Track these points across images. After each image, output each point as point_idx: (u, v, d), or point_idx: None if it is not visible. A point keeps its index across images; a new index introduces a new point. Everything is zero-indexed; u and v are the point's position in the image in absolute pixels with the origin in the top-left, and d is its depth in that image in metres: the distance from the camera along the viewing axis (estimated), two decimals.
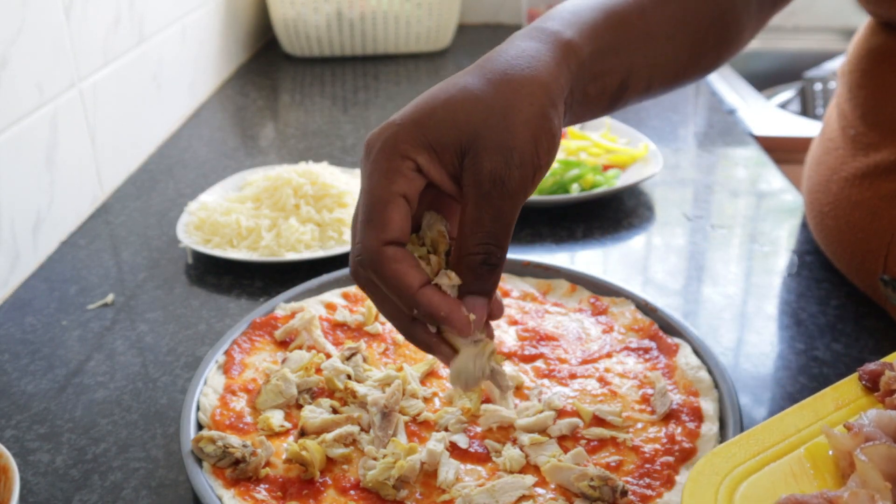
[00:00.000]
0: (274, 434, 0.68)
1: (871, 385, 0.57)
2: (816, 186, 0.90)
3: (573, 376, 0.74)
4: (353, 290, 0.86)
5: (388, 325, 0.81)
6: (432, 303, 0.53)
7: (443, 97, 0.54)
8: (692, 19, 0.68)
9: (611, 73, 0.62)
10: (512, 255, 0.91)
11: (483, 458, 0.65)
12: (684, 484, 0.51)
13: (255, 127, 1.45)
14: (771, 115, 1.52)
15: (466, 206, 0.53)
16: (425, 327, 0.56)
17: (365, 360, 0.76)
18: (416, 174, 0.53)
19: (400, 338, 0.79)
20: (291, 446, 0.63)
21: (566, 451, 0.65)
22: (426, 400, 0.71)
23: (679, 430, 0.66)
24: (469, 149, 0.52)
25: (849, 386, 0.59)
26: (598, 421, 0.68)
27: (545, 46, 0.57)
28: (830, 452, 0.52)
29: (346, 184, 1.04)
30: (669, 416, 0.68)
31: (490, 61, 0.56)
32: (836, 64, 1.86)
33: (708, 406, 0.68)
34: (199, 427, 0.68)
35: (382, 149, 0.54)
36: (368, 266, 0.52)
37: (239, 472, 0.63)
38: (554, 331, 0.80)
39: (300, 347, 0.77)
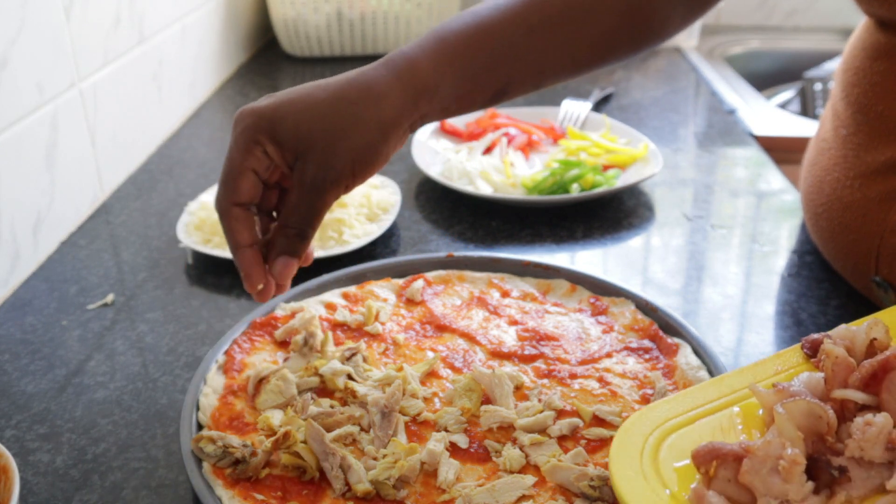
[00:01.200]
0: (273, 434, 0.67)
1: (812, 353, 0.59)
2: (811, 188, 0.90)
3: (573, 376, 0.74)
4: (353, 290, 0.86)
5: (389, 325, 0.81)
6: (244, 260, 0.66)
7: (297, 106, 0.64)
8: (598, 18, 0.72)
9: (487, 86, 0.70)
10: (512, 254, 0.91)
11: (483, 458, 0.65)
12: (617, 433, 0.53)
13: None
14: (771, 115, 1.52)
15: (291, 192, 0.65)
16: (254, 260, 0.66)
17: (365, 360, 0.76)
18: (264, 156, 0.64)
19: (400, 338, 0.79)
20: (284, 455, 0.63)
21: (566, 451, 0.65)
22: (426, 400, 0.71)
23: None
24: (301, 154, 0.64)
25: (791, 354, 0.60)
26: (598, 421, 0.68)
27: (394, 78, 0.67)
28: (760, 412, 0.53)
29: None
30: None
31: (346, 82, 0.67)
32: (836, 64, 1.86)
33: None
34: (199, 427, 0.68)
35: (243, 130, 0.64)
36: (219, 214, 0.66)
37: (239, 472, 0.63)
38: (554, 331, 0.80)
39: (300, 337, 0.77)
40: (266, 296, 0.67)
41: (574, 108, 1.34)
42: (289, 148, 0.64)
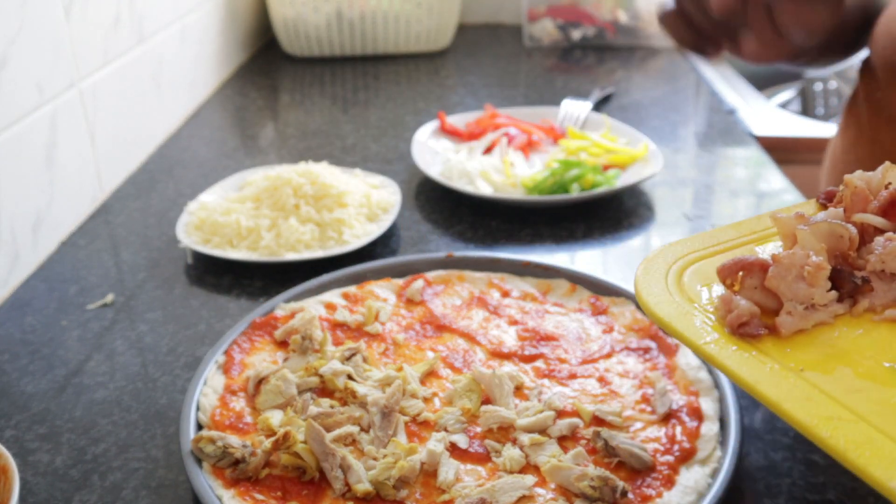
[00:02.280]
0: (273, 434, 0.67)
1: (828, 200, 0.58)
2: (842, 152, 0.88)
3: (573, 376, 0.74)
4: (353, 290, 0.86)
5: (389, 325, 0.81)
6: None
7: None
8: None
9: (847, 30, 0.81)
10: (512, 255, 0.91)
11: (483, 458, 0.65)
12: (640, 264, 0.54)
13: (254, 127, 1.45)
14: (771, 115, 1.52)
15: None
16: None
17: (365, 360, 0.76)
18: None
19: (400, 338, 0.79)
20: (284, 455, 0.63)
21: (566, 451, 0.65)
22: (426, 400, 0.71)
23: (679, 430, 0.66)
24: None
25: (808, 205, 0.61)
26: (598, 421, 0.68)
27: None
28: (780, 247, 0.53)
29: (346, 184, 1.04)
30: (669, 416, 0.68)
31: None
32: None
33: (708, 406, 0.68)
34: (199, 427, 0.68)
35: None
36: None
37: (239, 472, 0.63)
38: (554, 331, 0.80)
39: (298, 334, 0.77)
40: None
41: (574, 108, 1.34)
42: None
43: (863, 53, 0.88)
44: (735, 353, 0.46)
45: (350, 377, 0.72)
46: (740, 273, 0.49)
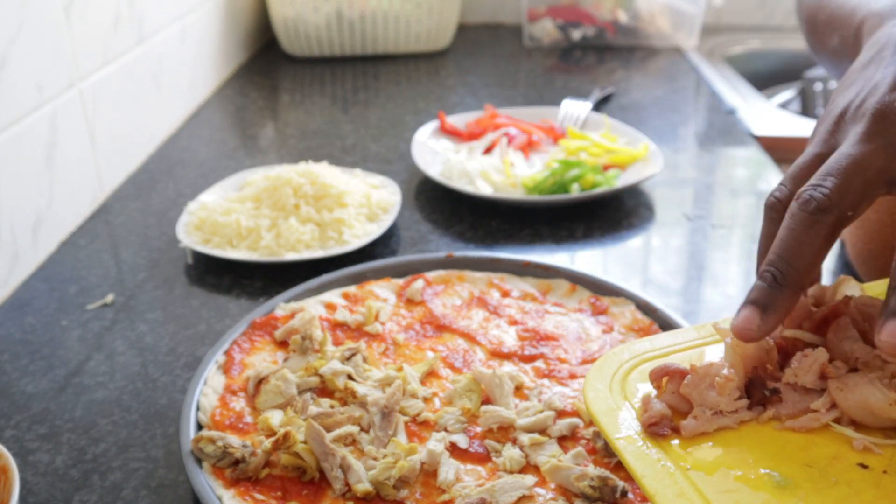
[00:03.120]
0: (273, 434, 0.67)
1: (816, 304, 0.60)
2: None
3: (573, 376, 0.74)
4: (353, 290, 0.86)
5: (389, 325, 0.81)
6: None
7: None
8: None
9: None
10: (512, 255, 0.91)
11: (483, 458, 0.65)
12: (599, 359, 0.59)
13: (255, 127, 1.45)
14: (771, 115, 1.52)
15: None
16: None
17: (365, 360, 0.75)
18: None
19: (400, 338, 0.79)
20: (284, 455, 0.63)
21: (566, 451, 0.65)
22: (426, 400, 0.71)
23: None
24: None
25: None
26: None
27: None
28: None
29: (346, 184, 1.04)
30: None
31: None
32: None
33: None
34: (199, 427, 0.68)
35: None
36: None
37: (239, 472, 0.63)
38: (554, 331, 0.80)
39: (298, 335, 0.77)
40: None
41: (574, 108, 1.34)
42: None
43: None
44: (637, 448, 0.51)
45: (350, 377, 0.72)
46: (664, 378, 0.55)
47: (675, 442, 0.52)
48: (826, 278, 0.70)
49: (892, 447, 0.49)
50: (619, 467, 0.63)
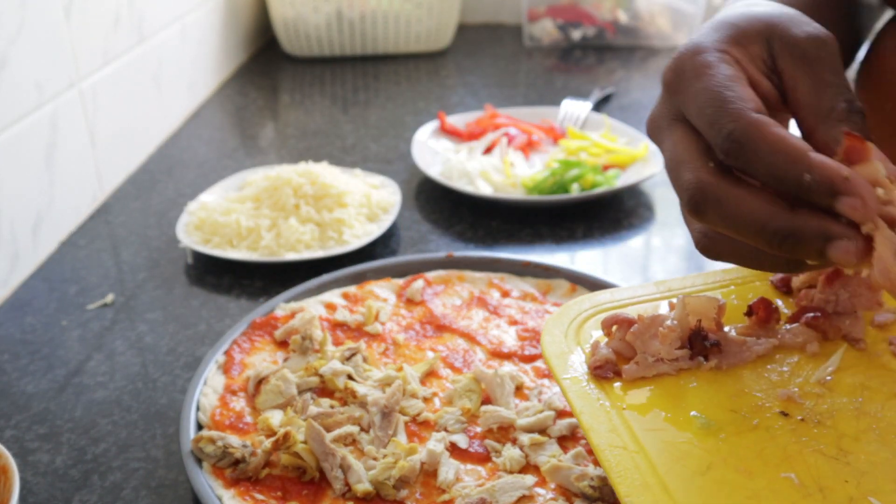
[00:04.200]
0: (273, 434, 0.67)
1: (783, 287, 0.65)
2: None
3: None
4: (353, 290, 0.86)
5: (389, 325, 0.81)
6: (828, 163, 0.44)
7: (731, 16, 0.54)
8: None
9: None
10: (512, 254, 0.91)
11: (483, 458, 0.65)
12: (559, 308, 0.64)
13: (255, 127, 1.45)
14: None
15: (798, 83, 0.51)
16: (814, 211, 0.45)
17: (365, 360, 0.76)
18: (738, 66, 0.51)
19: (400, 338, 0.79)
20: (284, 455, 0.63)
21: (566, 451, 0.65)
22: (426, 400, 0.71)
23: None
24: (774, 32, 0.52)
25: (743, 273, 0.67)
26: None
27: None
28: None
29: (346, 184, 1.04)
30: None
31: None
32: None
33: None
34: (199, 427, 0.68)
35: (699, 51, 0.51)
36: (744, 141, 0.46)
37: (239, 472, 0.63)
38: None
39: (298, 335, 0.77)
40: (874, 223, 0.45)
41: (574, 108, 1.34)
42: (755, 35, 0.52)
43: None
44: (580, 388, 0.56)
45: (350, 377, 0.72)
46: (614, 326, 0.58)
47: (618, 385, 0.56)
48: None
49: (814, 396, 0.54)
50: None
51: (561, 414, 0.68)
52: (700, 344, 0.57)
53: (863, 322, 0.59)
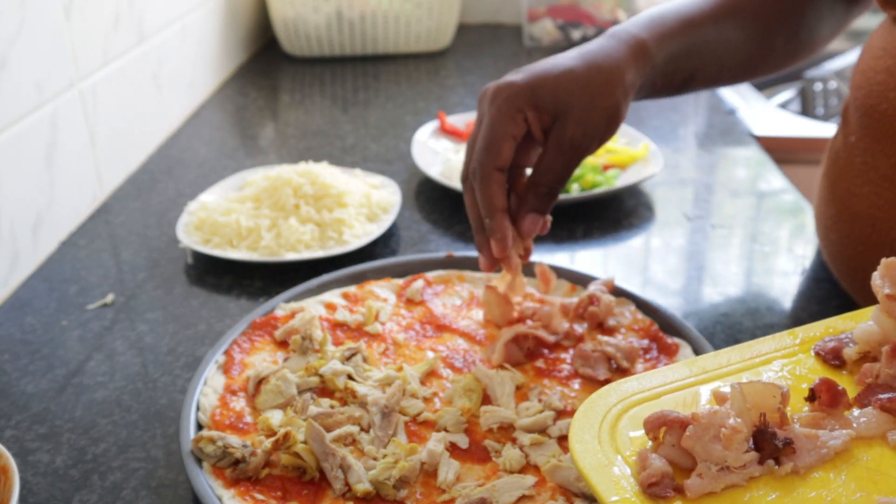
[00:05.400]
0: (273, 434, 0.67)
1: (832, 359, 0.58)
2: (822, 199, 0.88)
3: (573, 376, 0.74)
4: (353, 290, 0.86)
5: (389, 325, 0.81)
6: (501, 224, 0.72)
7: (553, 74, 0.71)
8: (760, 26, 0.82)
9: (679, 72, 0.79)
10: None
11: (483, 458, 0.65)
12: (583, 403, 0.55)
13: (255, 127, 1.45)
14: (771, 115, 1.52)
15: (546, 153, 0.72)
16: (485, 235, 0.74)
17: (365, 360, 0.75)
18: (524, 123, 0.71)
19: (400, 338, 0.79)
20: (284, 455, 0.63)
21: (566, 451, 0.65)
22: (426, 400, 0.71)
23: None
24: (560, 115, 0.71)
25: (778, 340, 0.61)
26: None
27: (626, 48, 0.74)
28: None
29: (346, 184, 1.04)
30: None
31: (588, 53, 0.73)
32: (836, 64, 1.86)
33: None
34: (199, 427, 0.68)
35: (507, 99, 0.70)
36: (477, 180, 0.71)
37: (239, 472, 0.63)
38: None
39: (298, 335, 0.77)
40: (506, 262, 0.76)
41: None
42: (548, 111, 0.71)
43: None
44: None
45: (350, 377, 0.72)
46: (662, 428, 0.49)
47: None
48: None
49: None
50: None
51: (561, 414, 0.68)
52: (770, 444, 0.48)
53: None
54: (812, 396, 0.52)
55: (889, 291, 0.54)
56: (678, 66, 0.78)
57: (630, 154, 1.17)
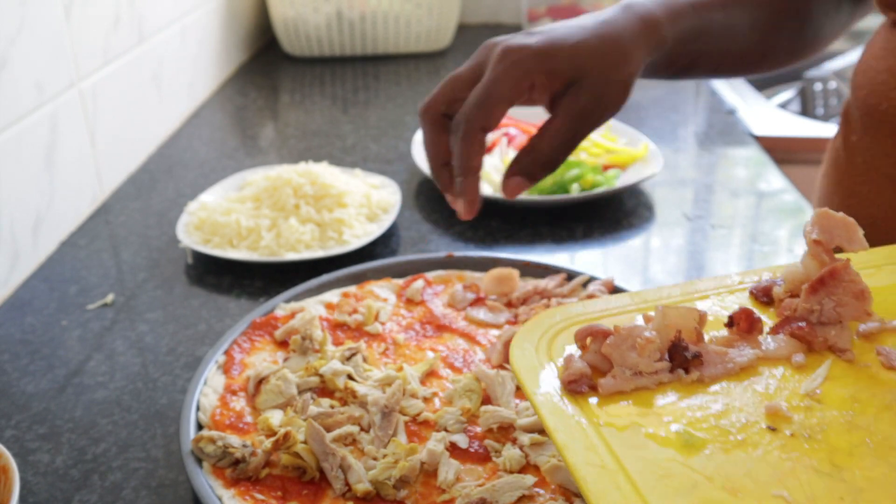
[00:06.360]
0: (273, 434, 0.67)
1: (764, 297, 0.62)
2: (822, 200, 0.88)
3: None
4: (353, 290, 0.86)
5: (388, 325, 0.81)
6: (472, 185, 0.70)
7: (570, 41, 0.68)
8: (767, 17, 0.80)
9: (684, 56, 0.77)
10: (512, 254, 0.91)
11: (483, 458, 0.65)
12: (529, 320, 0.61)
13: (255, 127, 1.45)
14: (771, 115, 1.52)
15: (555, 119, 0.70)
16: (445, 178, 0.72)
17: (365, 360, 0.76)
18: (527, 88, 0.69)
19: (400, 338, 0.79)
20: (284, 455, 0.63)
21: None
22: (426, 400, 0.71)
23: None
24: (576, 82, 0.68)
25: (721, 279, 0.65)
26: None
27: (641, 24, 0.71)
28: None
29: (346, 184, 1.04)
30: None
31: (605, 24, 0.71)
32: (836, 64, 1.86)
33: None
34: (199, 427, 0.68)
35: (517, 62, 0.67)
36: (460, 134, 0.68)
37: (239, 472, 0.63)
38: None
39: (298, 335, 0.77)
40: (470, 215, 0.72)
41: None
42: (561, 78, 0.68)
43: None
44: (553, 404, 0.53)
45: (350, 377, 0.72)
46: (588, 338, 0.56)
47: (594, 400, 0.53)
48: None
49: (803, 410, 0.52)
50: None
51: None
52: (680, 356, 0.54)
53: (849, 332, 0.57)
54: (731, 323, 0.58)
55: (816, 237, 0.59)
56: (685, 48, 0.76)
57: (630, 154, 1.17)
